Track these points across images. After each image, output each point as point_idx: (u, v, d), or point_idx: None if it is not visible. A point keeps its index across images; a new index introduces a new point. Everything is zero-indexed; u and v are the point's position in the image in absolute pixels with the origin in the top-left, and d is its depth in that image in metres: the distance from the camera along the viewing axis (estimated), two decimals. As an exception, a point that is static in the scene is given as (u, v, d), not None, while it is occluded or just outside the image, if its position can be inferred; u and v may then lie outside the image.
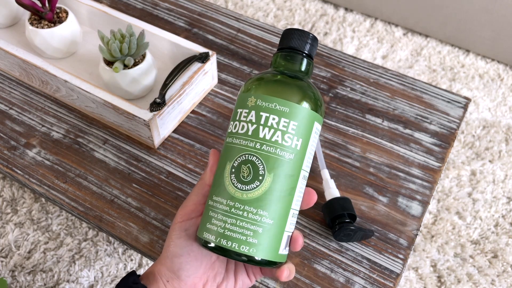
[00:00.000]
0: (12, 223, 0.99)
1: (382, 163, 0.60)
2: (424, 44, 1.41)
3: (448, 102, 0.67)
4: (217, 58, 0.72)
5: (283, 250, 0.37)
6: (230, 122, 0.38)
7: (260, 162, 0.35)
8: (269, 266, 0.36)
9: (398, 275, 0.50)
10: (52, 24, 0.66)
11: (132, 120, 0.58)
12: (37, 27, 0.66)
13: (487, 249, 1.00)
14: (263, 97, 0.36)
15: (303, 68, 0.39)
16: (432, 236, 1.01)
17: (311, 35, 0.39)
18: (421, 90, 0.68)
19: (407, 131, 0.63)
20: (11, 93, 0.68)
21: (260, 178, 0.35)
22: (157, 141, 0.60)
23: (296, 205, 0.37)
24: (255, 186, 0.35)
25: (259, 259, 0.35)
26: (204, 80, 0.64)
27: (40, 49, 0.67)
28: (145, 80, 0.62)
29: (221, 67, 0.71)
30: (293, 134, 0.36)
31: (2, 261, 0.94)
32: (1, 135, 0.63)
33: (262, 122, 0.35)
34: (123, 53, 0.59)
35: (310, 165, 0.38)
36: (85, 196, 0.57)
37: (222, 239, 0.35)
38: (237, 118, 0.37)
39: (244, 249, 0.34)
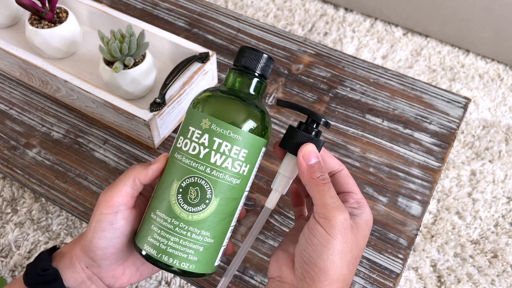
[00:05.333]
0: (12, 223, 0.99)
1: (382, 163, 0.60)
2: (424, 44, 1.41)
3: (448, 102, 0.67)
4: (217, 58, 0.72)
5: (217, 262, 0.39)
6: (179, 136, 0.38)
7: (208, 186, 0.36)
8: (202, 277, 0.38)
9: (398, 275, 0.50)
10: (52, 24, 0.66)
11: (132, 120, 0.58)
12: (37, 27, 0.66)
13: (487, 249, 1.00)
14: (218, 122, 0.36)
15: (259, 90, 0.39)
16: (432, 236, 1.01)
17: (265, 55, 0.39)
18: (421, 90, 0.68)
19: (407, 131, 0.63)
20: (11, 93, 0.68)
21: (207, 201, 0.36)
22: (157, 141, 0.61)
23: (234, 222, 0.39)
24: (201, 208, 0.36)
25: (196, 273, 0.37)
26: (204, 80, 0.64)
27: (40, 49, 0.67)
28: (145, 80, 0.62)
29: (221, 67, 0.71)
30: (242, 161, 0.37)
31: (2, 261, 0.94)
32: (1, 135, 0.63)
33: (214, 147, 0.36)
34: (123, 53, 0.59)
35: (251, 185, 0.39)
36: (85, 196, 0.57)
37: (163, 255, 0.36)
38: (188, 137, 0.36)
39: (184, 266, 0.36)
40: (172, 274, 0.93)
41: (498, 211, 1.06)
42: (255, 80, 0.39)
